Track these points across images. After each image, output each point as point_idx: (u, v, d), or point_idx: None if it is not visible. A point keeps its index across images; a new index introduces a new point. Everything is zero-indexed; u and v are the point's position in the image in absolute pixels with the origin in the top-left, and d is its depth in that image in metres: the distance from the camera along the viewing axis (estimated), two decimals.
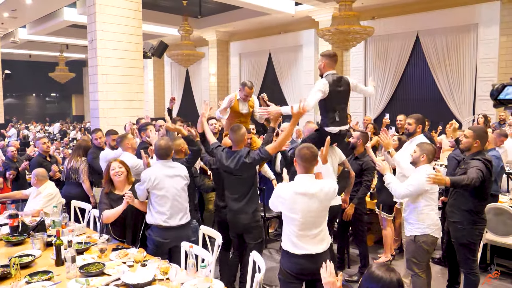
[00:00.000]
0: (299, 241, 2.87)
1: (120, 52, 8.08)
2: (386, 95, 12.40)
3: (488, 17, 10.20)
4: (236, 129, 3.73)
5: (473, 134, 3.76)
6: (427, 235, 3.59)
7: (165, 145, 3.65)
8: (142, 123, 5.48)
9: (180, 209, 3.58)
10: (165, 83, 20.11)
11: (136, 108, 8.38)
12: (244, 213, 3.74)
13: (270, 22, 14.21)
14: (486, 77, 10.38)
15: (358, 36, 8.88)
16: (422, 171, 3.54)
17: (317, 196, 2.85)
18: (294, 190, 2.87)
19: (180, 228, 3.55)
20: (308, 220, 2.85)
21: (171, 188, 3.54)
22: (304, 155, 2.90)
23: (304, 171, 2.92)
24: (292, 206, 2.86)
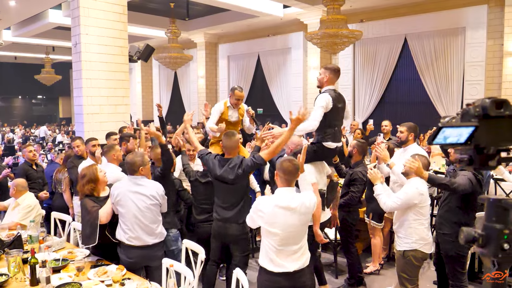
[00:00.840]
0: (277, 258, 2.79)
1: (105, 56, 7.92)
2: (374, 98, 12.39)
3: (475, 21, 10.24)
4: (231, 135, 3.62)
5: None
6: (416, 250, 3.53)
7: (131, 160, 3.44)
8: (124, 133, 5.32)
9: (144, 229, 3.34)
10: (153, 85, 19.93)
11: (121, 113, 8.23)
12: (235, 223, 3.60)
13: (259, 25, 14.13)
14: (473, 80, 10.41)
15: (346, 40, 8.83)
16: (412, 185, 3.49)
17: (298, 210, 2.77)
18: (275, 204, 2.78)
19: (146, 249, 3.34)
20: (288, 235, 2.77)
21: (132, 206, 3.33)
22: (287, 168, 2.82)
23: (285, 184, 2.85)
24: (272, 220, 2.77)
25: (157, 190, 3.45)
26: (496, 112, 0.91)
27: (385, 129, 6.63)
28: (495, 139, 0.93)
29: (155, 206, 3.42)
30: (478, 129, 0.92)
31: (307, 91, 13.44)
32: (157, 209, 3.44)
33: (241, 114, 4.65)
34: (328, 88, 3.90)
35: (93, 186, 3.52)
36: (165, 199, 3.51)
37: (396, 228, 3.67)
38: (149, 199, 3.38)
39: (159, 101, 19.64)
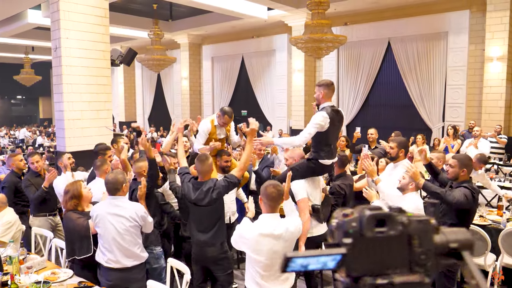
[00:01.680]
0: (263, 281, 2.76)
1: (86, 60, 7.75)
2: (358, 101, 12.45)
3: (457, 26, 10.36)
4: (204, 159, 3.52)
5: (458, 163, 3.62)
6: None
7: (112, 179, 3.32)
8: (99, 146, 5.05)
9: (123, 252, 3.25)
10: (136, 86, 19.68)
11: (104, 118, 8.07)
12: (212, 245, 3.52)
13: (243, 26, 14.06)
14: (455, 84, 10.55)
15: (331, 44, 8.83)
16: (409, 201, 3.47)
17: (282, 237, 2.72)
18: (258, 232, 2.72)
19: (125, 271, 3.25)
20: (273, 261, 2.73)
21: (111, 229, 3.22)
22: (271, 193, 2.76)
23: (269, 210, 2.79)
24: (256, 247, 2.72)
25: (137, 211, 3.33)
26: (374, 233, 0.68)
27: (371, 137, 6.63)
28: (372, 267, 0.68)
29: (135, 228, 3.31)
30: (349, 254, 0.68)
31: (291, 93, 13.43)
32: (136, 231, 3.33)
33: (227, 130, 4.61)
34: (327, 104, 3.78)
35: (77, 202, 3.44)
36: (146, 220, 3.38)
37: None
38: (128, 221, 3.27)
39: (142, 102, 19.42)
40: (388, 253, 0.68)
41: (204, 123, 4.50)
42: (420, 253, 0.68)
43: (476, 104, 10.30)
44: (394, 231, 0.68)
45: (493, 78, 9.75)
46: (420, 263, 0.68)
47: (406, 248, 0.68)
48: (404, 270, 0.68)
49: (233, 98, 15.75)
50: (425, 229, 0.70)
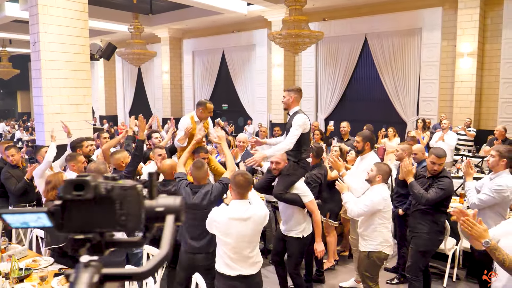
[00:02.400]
0: (232, 262, 2.99)
1: (65, 54, 7.79)
2: (336, 96, 12.73)
3: (430, 22, 10.70)
4: (200, 166, 3.59)
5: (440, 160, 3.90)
6: (380, 251, 3.78)
7: (95, 169, 3.48)
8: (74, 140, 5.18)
9: None
10: (117, 79, 19.60)
11: (83, 112, 8.13)
12: (204, 253, 3.52)
13: (223, 21, 14.17)
14: (428, 79, 10.90)
15: (308, 40, 9.04)
16: (376, 192, 3.72)
17: (250, 221, 2.95)
18: (228, 216, 2.96)
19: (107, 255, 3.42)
20: (241, 244, 2.96)
21: None
22: (239, 181, 3.00)
23: (238, 197, 3.03)
24: (226, 230, 2.95)
25: None
26: (73, 195, 0.78)
27: (343, 130, 6.88)
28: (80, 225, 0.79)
29: None
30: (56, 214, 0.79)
31: (271, 88, 13.63)
32: None
33: (205, 127, 4.71)
34: (297, 108, 4.06)
35: (57, 193, 3.56)
36: None
37: (362, 231, 3.88)
38: None
39: (123, 96, 19.35)
40: (94, 214, 0.79)
41: (184, 119, 4.62)
42: (121, 215, 0.79)
43: (448, 98, 10.68)
44: (90, 194, 0.77)
45: (464, 73, 10.12)
46: (121, 223, 0.80)
47: (109, 210, 0.79)
48: (110, 229, 0.81)
49: (214, 92, 15.87)
50: (128, 195, 0.80)
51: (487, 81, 10.34)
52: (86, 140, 5.03)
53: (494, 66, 10.20)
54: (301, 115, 3.96)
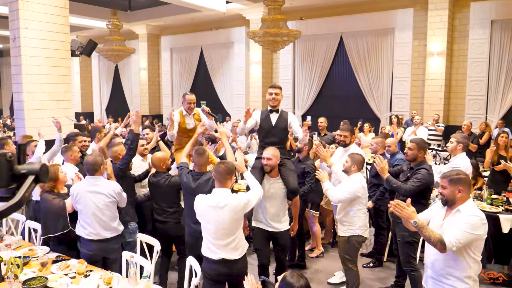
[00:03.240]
0: (214, 247, 3.16)
1: (46, 50, 7.81)
2: (313, 92, 13.07)
3: (402, 22, 11.15)
4: (202, 153, 3.80)
5: (416, 145, 4.13)
6: (359, 235, 4.11)
7: (92, 161, 3.67)
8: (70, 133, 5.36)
9: (102, 225, 3.61)
10: (93, 76, 19.43)
11: (64, 108, 8.17)
12: None
13: (202, 18, 14.30)
14: (401, 77, 11.36)
15: (286, 38, 9.32)
16: (355, 180, 4.03)
17: (226, 209, 3.11)
18: (206, 203, 3.16)
19: (104, 242, 3.62)
20: (220, 230, 3.13)
21: (91, 204, 3.58)
22: (217, 169, 3.20)
23: (219, 185, 3.21)
24: (205, 217, 3.17)
25: (114, 188, 3.72)
26: None
27: (320, 125, 7.18)
28: None
29: (112, 203, 3.69)
30: None
31: (249, 85, 13.86)
32: (114, 206, 3.72)
33: (197, 119, 4.86)
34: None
35: (53, 184, 3.74)
36: (122, 196, 3.77)
37: (341, 217, 4.15)
38: (107, 197, 3.65)
39: (99, 93, 19.20)
40: None
41: (175, 115, 4.78)
42: None
43: (419, 95, 11.16)
44: None
45: (434, 72, 10.61)
46: None
47: None
48: None
49: (192, 89, 15.95)
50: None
51: (455, 79, 10.87)
52: (81, 136, 5.17)
53: (461, 65, 10.73)
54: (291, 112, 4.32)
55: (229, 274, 3.20)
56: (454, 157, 4.58)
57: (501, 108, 10.31)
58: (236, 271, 3.20)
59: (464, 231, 2.57)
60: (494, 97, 10.36)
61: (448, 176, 2.76)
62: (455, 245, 2.56)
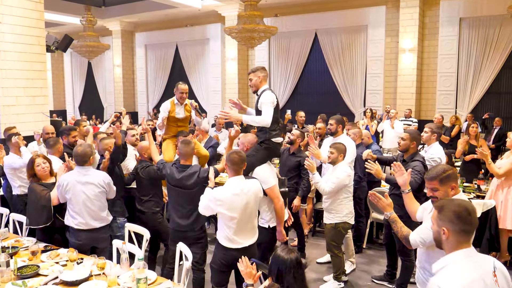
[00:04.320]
0: (236, 237, 3.20)
1: (21, 45, 7.67)
2: (288, 89, 13.26)
3: (375, 20, 11.45)
4: (188, 143, 3.76)
5: (409, 136, 4.10)
6: (345, 222, 4.28)
7: (81, 152, 3.68)
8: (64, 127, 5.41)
9: (92, 215, 3.64)
10: (65, 73, 19.06)
11: (40, 104, 8.05)
12: (191, 231, 3.69)
13: (177, 15, 14.25)
14: (374, 73, 11.68)
15: (262, 34, 9.45)
16: (341, 169, 4.18)
17: (251, 193, 3.22)
18: (231, 192, 3.16)
19: (94, 232, 3.66)
20: (244, 216, 3.20)
21: (81, 194, 3.60)
22: (233, 159, 3.22)
23: (234, 174, 3.25)
24: (231, 206, 3.14)
25: (104, 179, 3.77)
26: None
27: (300, 119, 7.35)
28: None
29: (102, 193, 3.74)
30: None
31: (225, 81, 13.93)
32: (104, 196, 3.76)
33: (187, 110, 4.86)
34: (266, 87, 3.92)
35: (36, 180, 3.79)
36: (111, 187, 3.82)
37: (328, 205, 4.29)
38: (97, 187, 3.69)
39: (72, 90, 18.88)
40: None
41: (165, 103, 4.80)
42: None
43: (392, 91, 11.50)
44: None
45: (405, 68, 10.96)
46: None
47: None
48: None
49: (168, 86, 15.91)
50: None
51: (426, 75, 11.25)
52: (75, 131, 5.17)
53: (432, 61, 11.12)
54: (268, 92, 3.83)
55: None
56: (429, 146, 4.73)
57: (470, 102, 10.74)
58: (250, 255, 3.11)
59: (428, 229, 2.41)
60: (463, 92, 10.79)
61: (436, 177, 2.59)
62: (420, 243, 2.58)
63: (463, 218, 1.90)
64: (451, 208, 1.94)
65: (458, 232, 1.91)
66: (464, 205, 1.94)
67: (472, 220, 1.92)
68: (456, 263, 1.88)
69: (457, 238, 1.91)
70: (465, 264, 1.88)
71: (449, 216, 1.92)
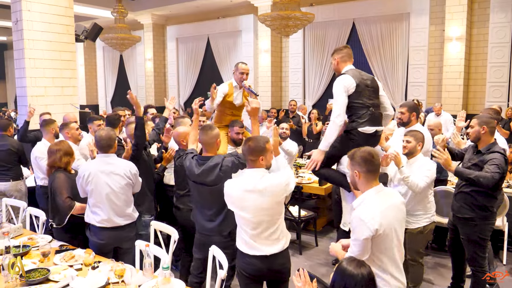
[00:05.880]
0: (252, 241, 2.67)
1: (49, 34, 7.46)
2: (324, 82, 12.64)
3: (418, 7, 10.68)
4: (208, 129, 3.12)
5: (478, 122, 3.48)
6: (433, 222, 3.59)
7: (106, 136, 3.22)
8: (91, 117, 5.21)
9: (116, 211, 3.19)
10: (98, 68, 19.08)
11: (69, 95, 7.83)
12: (219, 235, 3.11)
13: (208, 6, 13.89)
14: (417, 64, 10.91)
15: (299, 22, 8.90)
16: (427, 161, 3.52)
17: (267, 192, 2.60)
18: (242, 188, 2.64)
19: (118, 230, 3.21)
20: (261, 218, 2.62)
21: (104, 187, 3.16)
22: (249, 147, 2.65)
23: (251, 165, 2.68)
24: (242, 204, 2.64)
25: (130, 169, 3.30)
26: None
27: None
28: None
29: (128, 185, 3.28)
30: None
31: (258, 74, 13.45)
32: (130, 189, 3.30)
33: (246, 95, 4.29)
34: (347, 68, 3.49)
35: (69, 159, 3.42)
36: (137, 179, 3.36)
37: (413, 207, 3.51)
38: (123, 179, 3.23)
39: (104, 85, 18.88)
40: None
41: (222, 85, 4.25)
42: None
43: (436, 83, 10.72)
44: None
45: (452, 58, 10.15)
46: None
47: None
48: None
49: (199, 80, 15.60)
50: None
51: (475, 66, 10.41)
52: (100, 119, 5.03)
53: (481, 51, 10.27)
54: (338, 78, 3.34)
55: (268, 270, 2.68)
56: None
57: None
58: (278, 267, 2.70)
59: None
60: None
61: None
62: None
63: (368, 160, 2.34)
64: (358, 154, 2.37)
65: (366, 173, 2.35)
66: (367, 151, 2.38)
67: (374, 161, 2.36)
68: (370, 197, 2.34)
69: (366, 178, 2.36)
70: (378, 197, 2.34)
71: (358, 161, 2.36)
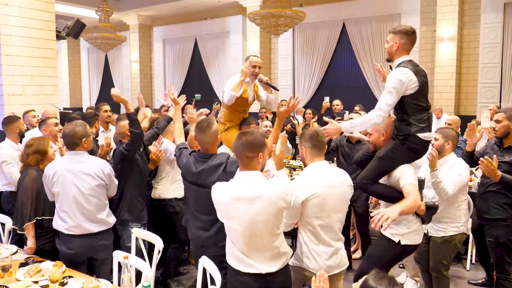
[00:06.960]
0: (244, 257, 2.25)
1: (28, 30, 7.09)
2: (314, 83, 12.44)
3: (409, 7, 10.57)
4: (206, 127, 2.71)
5: (505, 116, 3.25)
6: (463, 233, 3.27)
7: (70, 131, 2.85)
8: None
9: (86, 216, 2.82)
10: (82, 69, 18.61)
11: (49, 94, 7.45)
12: (213, 246, 2.69)
13: (196, 7, 13.61)
14: None
15: (289, 20, 8.69)
16: (459, 162, 3.21)
17: (261, 201, 2.18)
18: (229, 195, 2.23)
19: (90, 237, 2.84)
20: (254, 231, 2.21)
21: (72, 188, 2.80)
22: (246, 142, 2.22)
23: (244, 168, 2.27)
24: (229, 214, 2.25)
25: (103, 168, 2.93)
26: None
27: (336, 108, 6.62)
28: None
29: (100, 187, 2.90)
30: None
31: None
32: (102, 190, 2.93)
33: (256, 91, 3.99)
34: (404, 59, 2.84)
35: (39, 158, 3.07)
36: (112, 180, 3.00)
37: (439, 213, 3.12)
38: (94, 179, 2.86)
39: (89, 87, 18.43)
40: None
41: (234, 77, 3.90)
42: None
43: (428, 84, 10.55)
44: None
45: (444, 58, 10.02)
46: None
47: None
48: None
49: (186, 81, 15.29)
50: None
51: (466, 66, 10.31)
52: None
53: (472, 51, 10.16)
54: (397, 70, 2.72)
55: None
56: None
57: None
58: (277, 286, 2.30)
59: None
60: (508, 84, 9.80)
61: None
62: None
63: (313, 137, 2.55)
64: (306, 132, 2.59)
65: (312, 148, 2.54)
66: (314, 130, 2.61)
67: (319, 137, 2.56)
68: (308, 172, 2.52)
69: (311, 153, 2.54)
70: (315, 172, 2.48)
71: (305, 138, 2.57)
